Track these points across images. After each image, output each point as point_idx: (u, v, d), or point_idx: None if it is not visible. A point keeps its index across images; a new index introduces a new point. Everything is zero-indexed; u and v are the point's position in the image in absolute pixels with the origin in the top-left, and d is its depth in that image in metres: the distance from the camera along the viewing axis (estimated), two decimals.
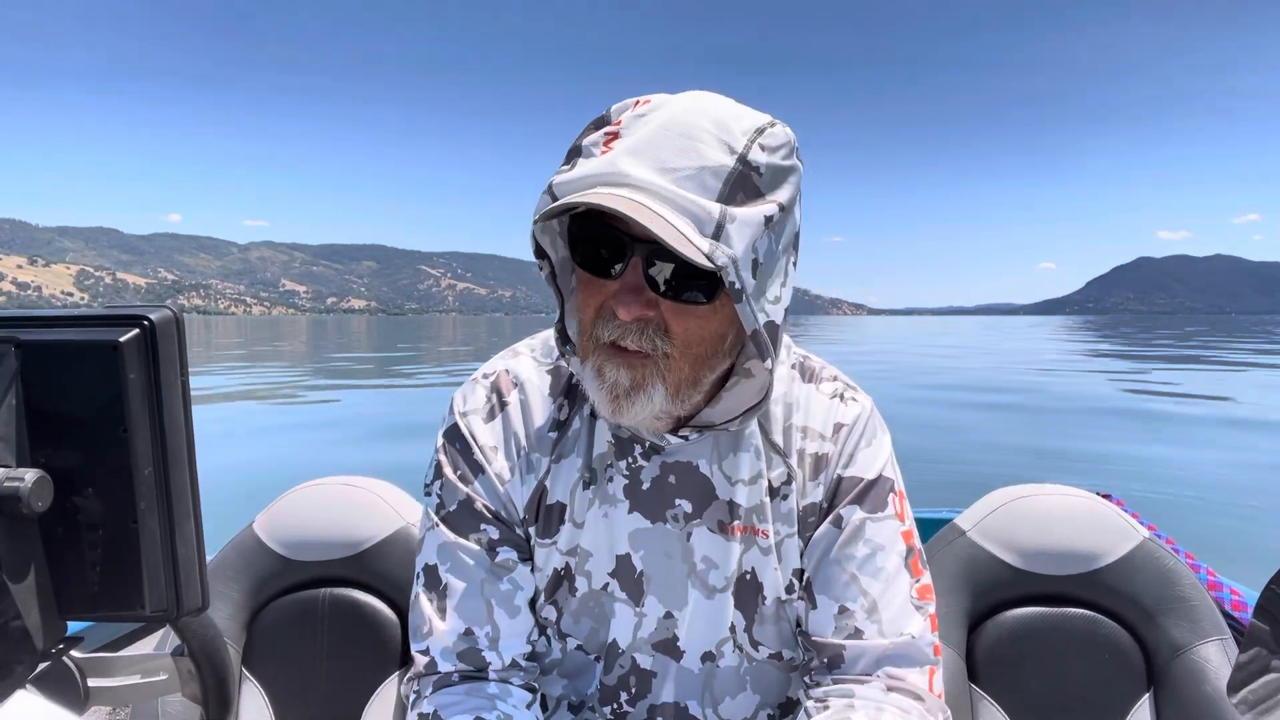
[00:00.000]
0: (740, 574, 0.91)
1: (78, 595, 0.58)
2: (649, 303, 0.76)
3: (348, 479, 1.45)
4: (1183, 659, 1.21)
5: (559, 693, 0.97)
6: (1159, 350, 23.86)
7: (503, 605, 0.91)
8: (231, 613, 1.35)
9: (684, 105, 0.75)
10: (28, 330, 0.57)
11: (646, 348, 0.77)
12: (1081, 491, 1.36)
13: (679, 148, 0.72)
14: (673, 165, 0.71)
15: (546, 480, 0.93)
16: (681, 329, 0.78)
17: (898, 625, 0.87)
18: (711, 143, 0.72)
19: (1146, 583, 1.26)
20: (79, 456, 0.57)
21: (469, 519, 0.92)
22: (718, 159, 0.72)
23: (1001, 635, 1.29)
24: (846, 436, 0.93)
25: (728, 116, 0.74)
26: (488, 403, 0.95)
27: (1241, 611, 1.44)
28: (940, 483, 7.09)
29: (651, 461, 0.91)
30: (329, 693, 1.34)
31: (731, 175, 0.72)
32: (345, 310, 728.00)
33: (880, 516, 0.90)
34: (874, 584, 0.88)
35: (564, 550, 0.92)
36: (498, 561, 0.91)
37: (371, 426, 11.64)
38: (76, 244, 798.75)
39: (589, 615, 0.93)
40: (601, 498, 0.92)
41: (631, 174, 0.71)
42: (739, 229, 0.71)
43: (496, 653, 0.90)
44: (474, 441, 0.94)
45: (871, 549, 0.89)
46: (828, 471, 0.92)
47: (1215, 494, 6.75)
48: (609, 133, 0.76)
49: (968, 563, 1.32)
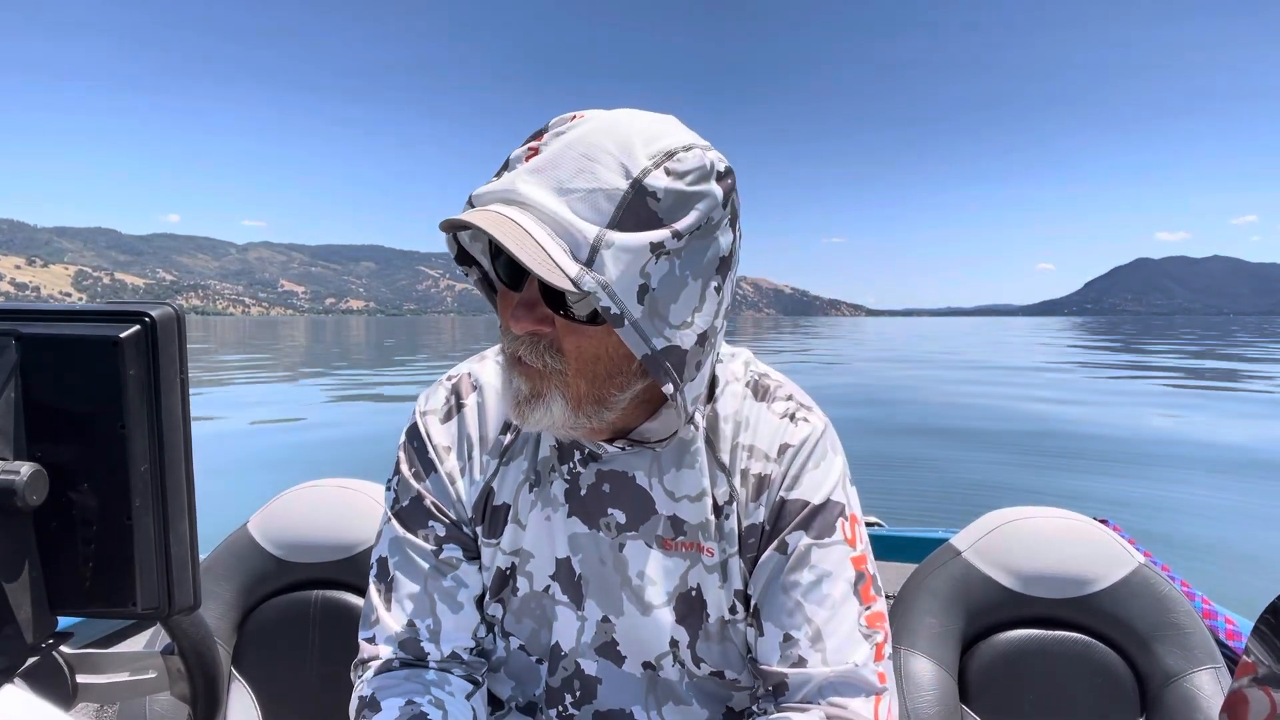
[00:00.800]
0: (685, 590, 0.91)
1: (69, 590, 0.58)
2: (543, 319, 0.77)
3: (343, 481, 1.45)
4: (1176, 686, 1.20)
5: (508, 694, 0.99)
6: (1160, 360, 23.89)
7: (445, 601, 0.94)
8: (223, 612, 1.35)
9: (599, 124, 0.74)
10: (28, 323, 0.57)
11: (537, 364, 0.79)
12: (1078, 515, 1.36)
13: (578, 168, 0.71)
14: (569, 186, 0.71)
15: (494, 481, 0.95)
16: (573, 347, 0.78)
17: (842, 654, 0.85)
18: (610, 165, 0.71)
19: (1141, 608, 1.25)
20: (76, 451, 0.57)
21: (419, 515, 0.95)
22: (612, 181, 0.71)
23: (994, 657, 1.29)
24: (792, 458, 0.91)
25: (637, 139, 0.73)
26: (446, 404, 0.99)
27: (1235, 640, 1.44)
28: (936, 503, 7.07)
29: (588, 468, 0.92)
30: (318, 695, 1.34)
31: (624, 200, 0.71)
32: (343, 311, 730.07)
33: (827, 542, 0.88)
34: (819, 611, 0.86)
35: (507, 550, 0.94)
36: (442, 558, 0.94)
37: (372, 428, 11.64)
38: (74, 244, 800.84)
39: (530, 616, 0.95)
40: (544, 500, 0.93)
41: (524, 193, 0.72)
42: (615, 255, 0.70)
43: (436, 645, 0.93)
44: (429, 440, 0.97)
45: (817, 575, 0.87)
46: (770, 492, 0.90)
47: (1212, 522, 6.73)
48: (531, 148, 0.76)
49: (962, 583, 1.32)
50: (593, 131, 0.73)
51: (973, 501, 6.88)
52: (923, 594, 1.34)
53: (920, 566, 1.39)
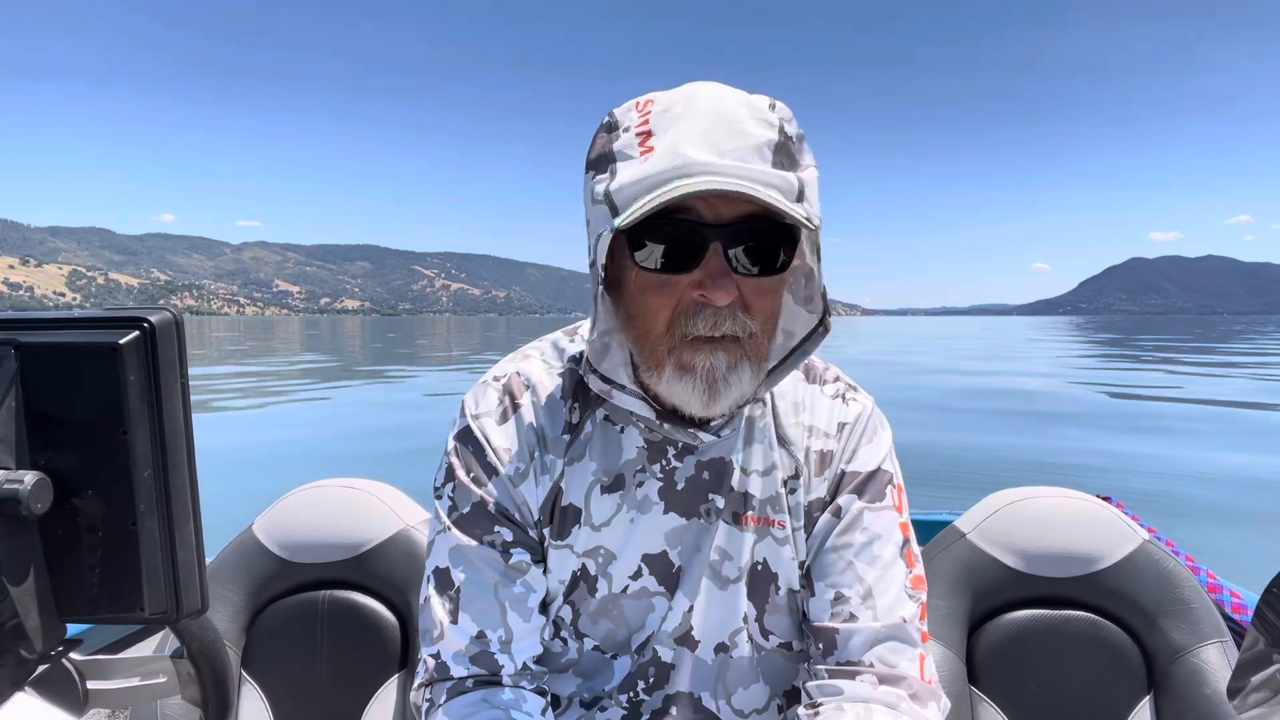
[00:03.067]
0: (754, 564, 0.93)
1: (77, 597, 0.58)
2: (734, 286, 0.78)
3: (348, 481, 1.45)
4: (1183, 661, 1.20)
5: (570, 691, 0.97)
6: (1155, 353, 23.89)
7: (516, 608, 0.90)
8: (231, 615, 1.35)
9: (704, 92, 0.77)
10: (27, 332, 0.57)
11: (739, 331, 0.79)
12: (1081, 494, 1.36)
13: (726, 131, 0.74)
14: (729, 147, 0.73)
15: (561, 482, 0.92)
16: (761, 306, 0.80)
17: (892, 610, 0.88)
18: (750, 121, 0.75)
19: (1147, 585, 1.26)
20: (79, 458, 0.57)
21: (482, 521, 0.91)
22: (763, 134, 0.75)
23: (1001, 637, 1.29)
24: (849, 433, 0.95)
25: (745, 97, 0.77)
26: (500, 405, 0.95)
27: (1241, 614, 1.44)
28: (940, 485, 7.08)
29: (685, 461, 0.92)
30: (328, 695, 1.34)
31: (779, 146, 0.75)
32: (339, 311, 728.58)
33: (878, 506, 0.92)
34: (870, 570, 0.89)
35: (580, 552, 0.92)
36: (511, 564, 0.91)
37: (371, 428, 11.64)
38: (68, 244, 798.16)
39: (608, 616, 0.94)
40: (630, 503, 0.92)
41: (705, 160, 0.72)
42: (811, 191, 0.77)
43: (509, 656, 0.89)
44: (487, 444, 0.93)
45: (869, 537, 0.91)
46: (832, 468, 0.94)
47: (1216, 497, 6.74)
48: (640, 133, 0.76)
49: (968, 565, 1.32)
50: (709, 100, 0.76)
51: (976, 483, 6.89)
52: (928, 576, 1.34)
53: (925, 549, 1.39)
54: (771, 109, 0.77)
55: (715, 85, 0.79)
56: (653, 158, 0.74)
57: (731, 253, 0.77)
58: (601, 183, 0.77)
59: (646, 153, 0.75)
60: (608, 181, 0.76)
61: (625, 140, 0.77)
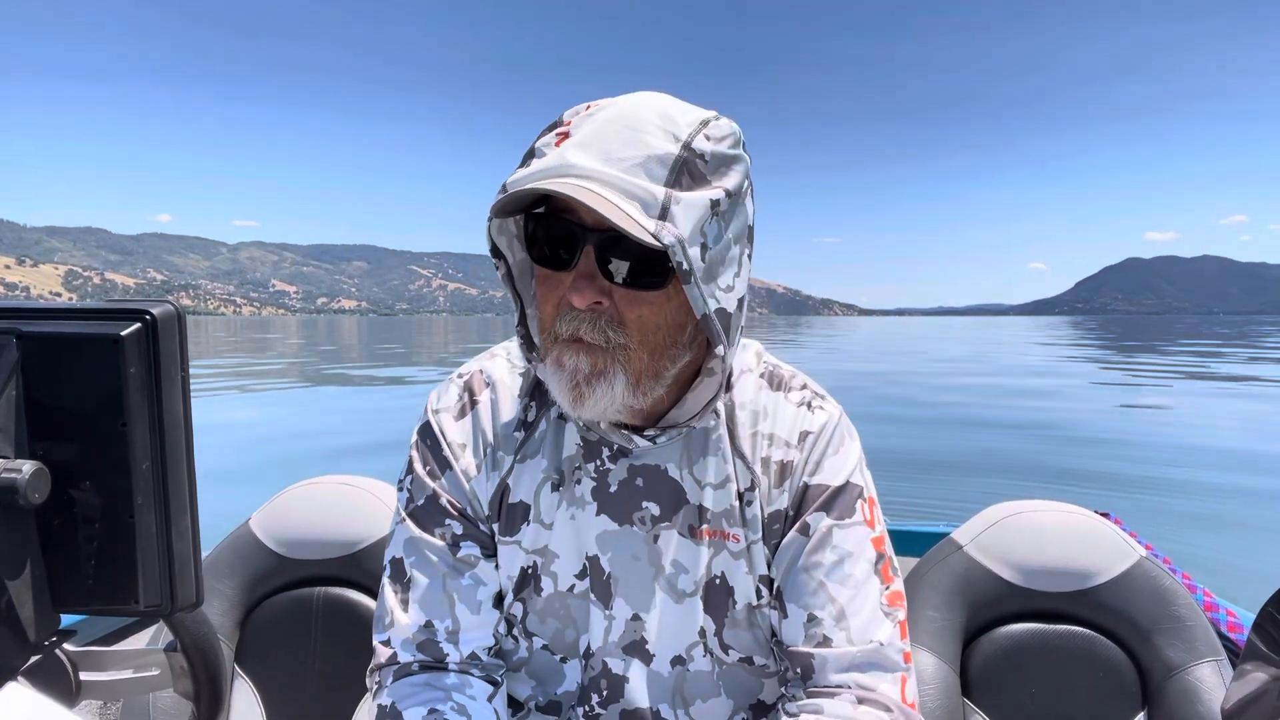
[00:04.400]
0: (710, 578, 0.92)
1: (72, 588, 0.58)
2: (603, 290, 0.77)
3: (345, 478, 1.45)
4: (1177, 679, 1.20)
5: (528, 693, 0.98)
6: (1156, 357, 23.90)
7: (464, 600, 0.92)
8: (225, 609, 1.35)
9: (630, 101, 0.77)
10: (29, 322, 0.57)
11: (601, 340, 0.78)
12: (1079, 509, 1.36)
13: (625, 139, 0.74)
14: (620, 155, 0.73)
15: (509, 479, 0.94)
16: (635, 317, 0.79)
17: (866, 632, 0.86)
18: (656, 133, 0.74)
19: (1142, 602, 1.25)
20: (77, 449, 0.57)
21: (435, 514, 0.93)
22: (663, 147, 0.74)
23: (996, 651, 1.29)
24: (813, 444, 0.93)
25: (673, 110, 0.77)
26: (459, 401, 0.97)
27: (1237, 633, 1.44)
28: (937, 496, 7.08)
29: (619, 464, 0.92)
30: (321, 691, 1.34)
31: (677, 162, 0.74)
32: (335, 311, 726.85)
33: (848, 523, 0.90)
34: (842, 591, 0.87)
35: (528, 549, 0.93)
36: (460, 557, 0.93)
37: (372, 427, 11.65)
38: (64, 244, 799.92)
39: (555, 616, 0.94)
40: (570, 500, 0.92)
41: (579, 164, 0.73)
42: (684, 210, 0.73)
43: (455, 646, 0.91)
44: (443, 438, 0.95)
45: (839, 556, 0.89)
46: (793, 479, 0.92)
47: (1214, 515, 6.73)
48: (560, 133, 0.77)
49: (964, 577, 1.32)
50: (628, 108, 0.76)
51: (974, 495, 6.88)
52: (924, 588, 1.34)
53: (922, 560, 1.39)
54: (702, 125, 0.76)
55: (651, 94, 0.79)
56: (545, 156, 0.76)
57: (604, 258, 0.77)
58: (515, 173, 0.78)
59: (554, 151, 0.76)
60: (518, 172, 0.77)
61: (547, 139, 0.78)
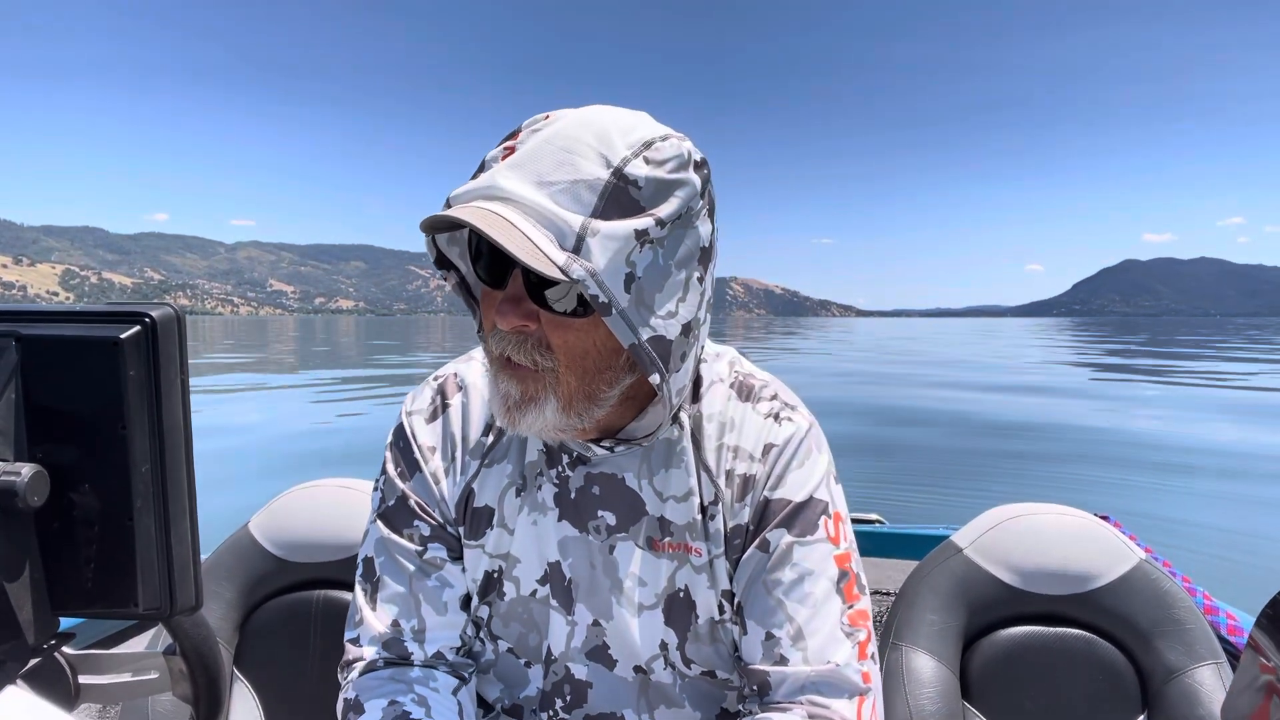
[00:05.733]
0: (673, 591, 0.91)
1: (71, 591, 0.58)
2: (529, 314, 0.76)
3: (345, 481, 1.45)
4: (1177, 682, 1.20)
5: (495, 695, 0.99)
6: (1154, 362, 23.96)
7: (430, 601, 0.93)
8: (224, 612, 1.35)
9: (574, 119, 0.75)
10: (29, 325, 0.57)
11: (526, 363, 0.78)
12: (1079, 512, 1.36)
13: (557, 161, 0.72)
14: (550, 179, 0.71)
15: (474, 483, 0.95)
16: (561, 342, 0.77)
17: (824, 653, 0.85)
18: (590, 156, 0.72)
19: (1142, 605, 1.25)
20: (77, 452, 0.57)
21: (404, 515, 0.95)
22: (593, 172, 0.71)
23: (996, 654, 1.29)
24: (776, 458, 0.90)
25: (614, 130, 0.74)
26: (432, 404, 0.98)
27: (1237, 636, 1.44)
28: (937, 500, 7.08)
29: (577, 472, 0.92)
30: (320, 695, 1.34)
31: (606, 189, 0.71)
32: (333, 310, 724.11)
33: (809, 540, 0.88)
34: (800, 609, 0.86)
35: (492, 553, 0.94)
36: (426, 558, 0.94)
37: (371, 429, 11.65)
38: (62, 243, 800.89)
39: (518, 620, 0.95)
40: (531, 505, 0.93)
41: (505, 188, 0.72)
42: (601, 242, 0.70)
43: (420, 646, 0.92)
44: (414, 440, 0.97)
45: (799, 574, 0.87)
46: (755, 493, 0.90)
47: (1214, 519, 6.73)
48: (507, 147, 0.76)
49: (963, 580, 1.32)
50: (569, 126, 0.74)
51: (974, 498, 6.88)
52: (924, 591, 1.34)
53: (921, 563, 1.39)
54: (645, 147, 0.73)
55: (599, 111, 0.76)
56: (486, 174, 0.74)
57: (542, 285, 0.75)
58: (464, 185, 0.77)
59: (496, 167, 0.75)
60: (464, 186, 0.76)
61: (496, 152, 0.77)
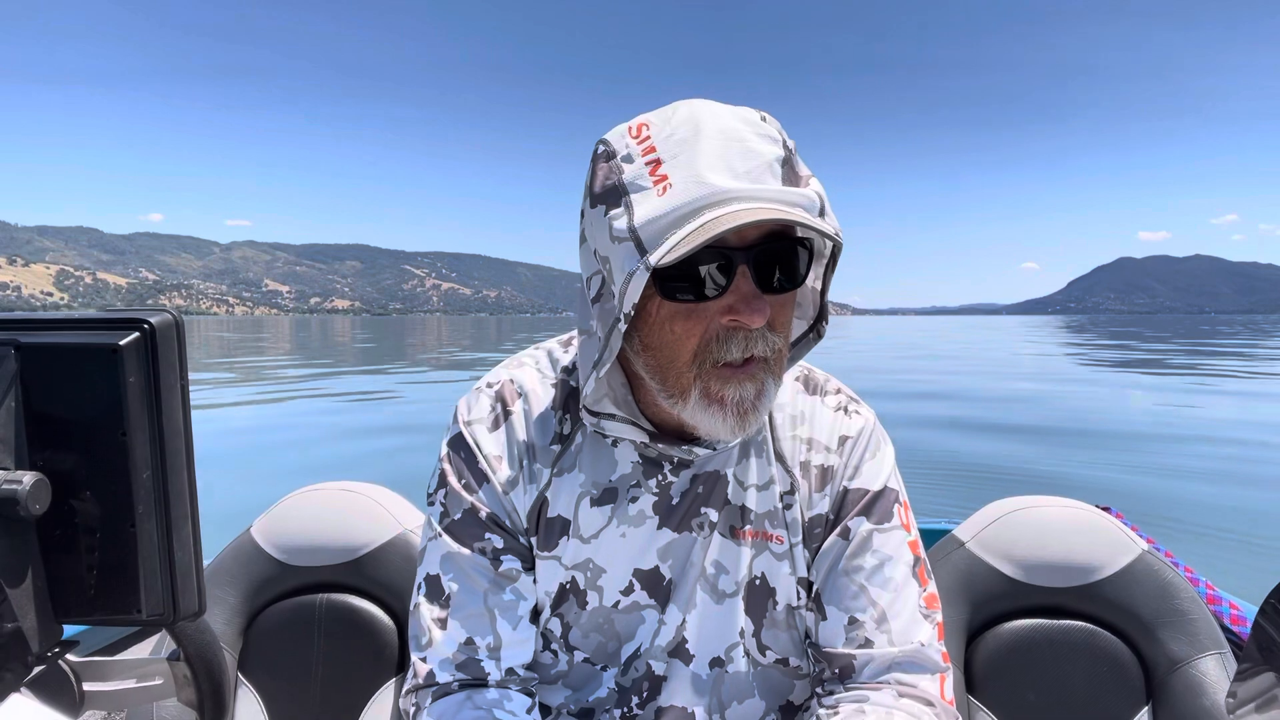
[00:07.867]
0: (751, 579, 0.92)
1: (74, 598, 0.58)
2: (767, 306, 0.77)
3: (346, 485, 1.45)
4: (1181, 672, 1.20)
5: (559, 701, 0.97)
6: (1153, 355, 23.99)
7: (505, 616, 0.90)
8: (228, 618, 1.35)
9: (705, 112, 0.75)
10: (28, 333, 0.57)
11: (768, 351, 0.79)
12: (1081, 504, 1.36)
13: (739, 152, 0.73)
14: (744, 168, 0.72)
15: (547, 492, 0.92)
16: (784, 321, 0.80)
17: (907, 634, 0.87)
18: (756, 139, 0.74)
19: (1145, 595, 1.25)
20: (78, 459, 0.57)
21: (473, 528, 0.91)
22: (770, 151, 0.74)
23: (1000, 646, 1.29)
24: (851, 449, 0.94)
25: (738, 112, 0.76)
26: (492, 412, 0.95)
27: (1240, 625, 1.44)
28: (939, 494, 7.08)
29: (681, 476, 0.91)
30: (324, 699, 1.34)
31: (784, 162, 0.75)
32: (329, 310, 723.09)
33: (887, 527, 0.91)
34: (883, 594, 0.88)
35: (569, 565, 0.92)
36: (501, 571, 0.91)
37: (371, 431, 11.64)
38: (56, 244, 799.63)
39: (598, 630, 0.93)
40: (621, 517, 0.91)
41: (726, 186, 0.71)
42: (827, 202, 0.76)
43: (496, 663, 0.89)
44: (479, 450, 0.93)
45: (879, 560, 0.89)
46: (834, 484, 0.93)
47: (1215, 507, 6.73)
48: (649, 161, 0.74)
49: (966, 574, 1.32)
50: (715, 118, 0.75)
51: (975, 492, 6.88)
52: None
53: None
54: (764, 121, 0.76)
55: (708, 103, 0.78)
56: (673, 188, 0.72)
57: (760, 273, 0.76)
58: (619, 218, 0.74)
59: (661, 181, 0.73)
60: (626, 217, 0.73)
61: (634, 170, 0.74)
